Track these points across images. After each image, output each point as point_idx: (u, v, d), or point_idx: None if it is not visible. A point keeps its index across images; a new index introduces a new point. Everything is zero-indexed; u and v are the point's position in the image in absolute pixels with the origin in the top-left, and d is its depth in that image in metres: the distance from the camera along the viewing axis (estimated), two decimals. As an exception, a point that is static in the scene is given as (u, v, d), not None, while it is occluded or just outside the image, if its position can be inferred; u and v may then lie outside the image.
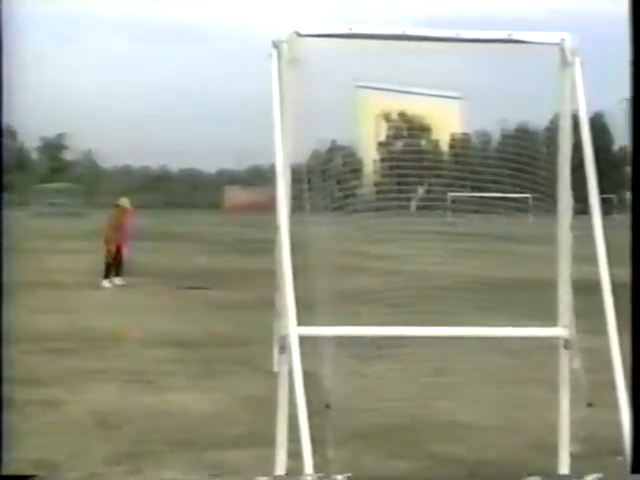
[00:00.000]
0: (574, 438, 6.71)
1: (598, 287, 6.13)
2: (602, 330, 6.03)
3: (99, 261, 24.64)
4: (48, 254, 30.09)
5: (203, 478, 7.97)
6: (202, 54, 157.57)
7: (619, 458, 6.00)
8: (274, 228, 6.42)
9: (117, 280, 24.22)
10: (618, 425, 5.75)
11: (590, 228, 6.34)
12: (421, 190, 8.10)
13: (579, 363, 6.48)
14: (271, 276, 6.64)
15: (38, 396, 10.46)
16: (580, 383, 6.38)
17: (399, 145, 7.75)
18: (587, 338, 6.55)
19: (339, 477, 5.35)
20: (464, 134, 7.63)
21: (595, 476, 5.28)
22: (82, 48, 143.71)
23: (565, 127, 6.67)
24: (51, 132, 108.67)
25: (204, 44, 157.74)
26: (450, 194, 8.24)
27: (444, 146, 7.63)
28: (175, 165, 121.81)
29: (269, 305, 6.82)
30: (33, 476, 6.06)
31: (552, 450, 6.81)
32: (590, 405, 6.21)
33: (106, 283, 23.88)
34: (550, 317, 6.68)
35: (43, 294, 19.00)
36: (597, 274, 6.15)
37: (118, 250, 24.57)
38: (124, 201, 25.73)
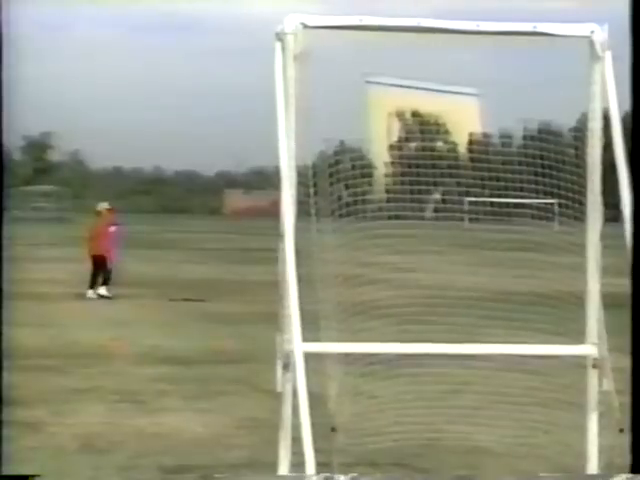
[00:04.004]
0: (603, 466, 6.66)
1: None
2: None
3: (85, 270, 24.62)
4: (30, 263, 30.08)
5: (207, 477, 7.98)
6: (200, 46, 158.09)
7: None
8: (277, 235, 6.39)
9: (102, 290, 24.10)
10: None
11: (622, 237, 6.30)
12: (436, 195, 8.07)
13: (610, 384, 6.43)
14: (274, 288, 6.61)
15: (19, 417, 10.41)
16: (611, 406, 6.34)
17: (412, 146, 7.72)
18: (620, 357, 6.50)
19: (343, 477, 5.37)
20: (483, 134, 7.60)
21: (624, 476, 5.28)
22: (71, 38, 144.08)
23: (595, 127, 6.64)
24: (35, 130, 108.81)
25: (203, 36, 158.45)
26: (468, 200, 8.20)
27: (461, 147, 7.60)
28: (170, 167, 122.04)
29: (271, 319, 6.79)
30: (33, 476, 6.20)
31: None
32: (622, 431, 6.16)
33: (91, 294, 23.86)
34: (579, 334, 6.65)
35: (25, 306, 18.97)
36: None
37: (103, 259, 24.55)
38: (103, 205, 25.76)
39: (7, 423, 10.00)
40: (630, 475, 5.40)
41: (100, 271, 24.39)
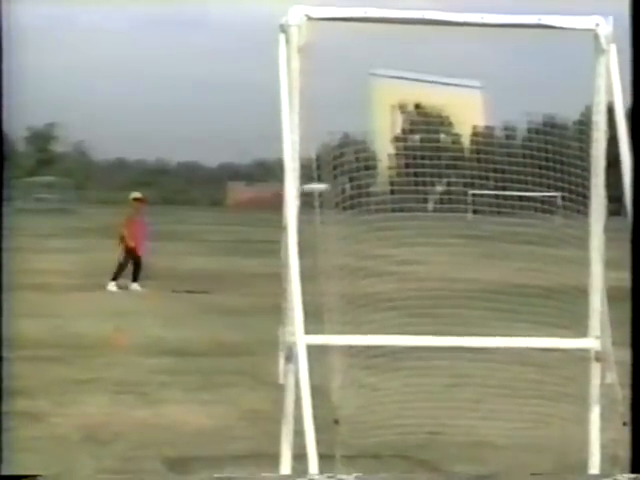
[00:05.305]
0: (606, 459, 6.67)
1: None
2: None
3: (88, 261, 24.61)
4: (33, 253, 30.10)
5: (209, 477, 7.99)
6: (204, 37, 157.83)
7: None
8: (280, 227, 6.39)
9: (135, 285, 23.95)
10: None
11: (625, 230, 6.29)
12: (439, 188, 8.07)
13: (613, 377, 6.43)
14: (276, 280, 6.61)
15: (21, 407, 10.42)
16: (615, 399, 6.34)
17: (416, 139, 7.72)
18: (624, 350, 6.50)
19: (347, 477, 5.38)
20: (487, 127, 7.60)
21: (627, 476, 5.29)
22: (75, 29, 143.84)
23: (599, 120, 6.64)
24: (39, 121, 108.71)
25: (206, 27, 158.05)
26: (471, 192, 8.20)
27: (465, 140, 7.60)
28: (173, 158, 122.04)
29: (274, 311, 6.80)
30: (33, 476, 6.23)
31: (582, 472, 6.77)
32: (626, 424, 6.16)
33: (112, 286, 23.63)
34: (583, 327, 6.65)
35: (27, 297, 18.98)
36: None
37: (134, 250, 24.08)
38: (136, 194, 25.36)
39: (9, 413, 10.05)
40: (633, 475, 5.40)
41: (129, 263, 24.04)
